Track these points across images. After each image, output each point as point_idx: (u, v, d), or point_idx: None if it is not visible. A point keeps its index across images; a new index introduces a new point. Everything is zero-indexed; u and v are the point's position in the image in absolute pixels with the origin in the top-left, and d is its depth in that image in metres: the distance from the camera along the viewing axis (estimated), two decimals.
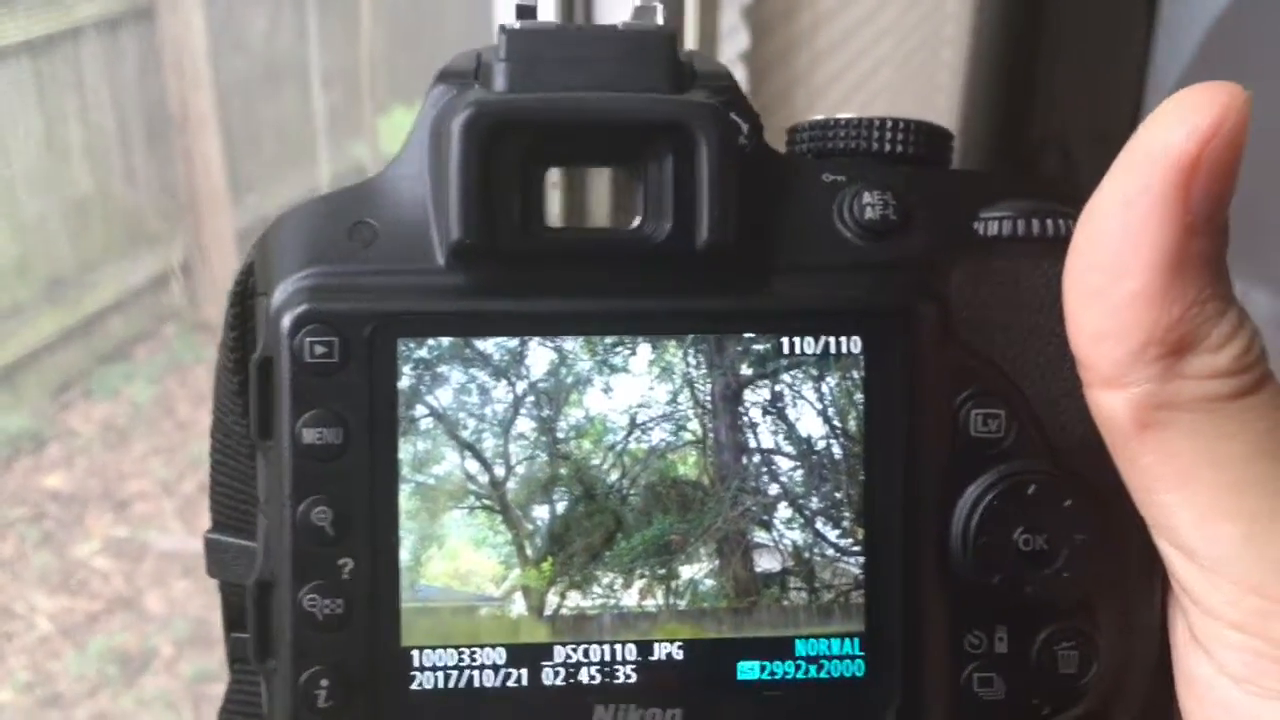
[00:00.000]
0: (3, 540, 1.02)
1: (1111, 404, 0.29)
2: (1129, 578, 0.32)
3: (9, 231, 1.05)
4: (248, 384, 0.31)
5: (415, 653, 0.30)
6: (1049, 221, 0.32)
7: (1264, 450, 0.28)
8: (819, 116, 0.34)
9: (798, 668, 0.31)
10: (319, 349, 0.30)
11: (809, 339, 0.31)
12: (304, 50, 1.18)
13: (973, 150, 1.35)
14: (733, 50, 0.95)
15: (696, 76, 0.31)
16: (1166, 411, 0.28)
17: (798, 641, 0.31)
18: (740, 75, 0.97)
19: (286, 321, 0.30)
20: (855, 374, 0.31)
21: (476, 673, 0.31)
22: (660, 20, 0.31)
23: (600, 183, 0.67)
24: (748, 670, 0.31)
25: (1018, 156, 1.35)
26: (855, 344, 0.31)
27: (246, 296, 0.32)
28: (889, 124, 0.33)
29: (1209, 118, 0.27)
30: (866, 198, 0.32)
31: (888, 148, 0.33)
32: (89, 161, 1.10)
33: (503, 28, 0.31)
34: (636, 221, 0.31)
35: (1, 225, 1.04)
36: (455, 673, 0.31)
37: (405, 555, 0.30)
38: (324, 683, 0.30)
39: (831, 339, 0.31)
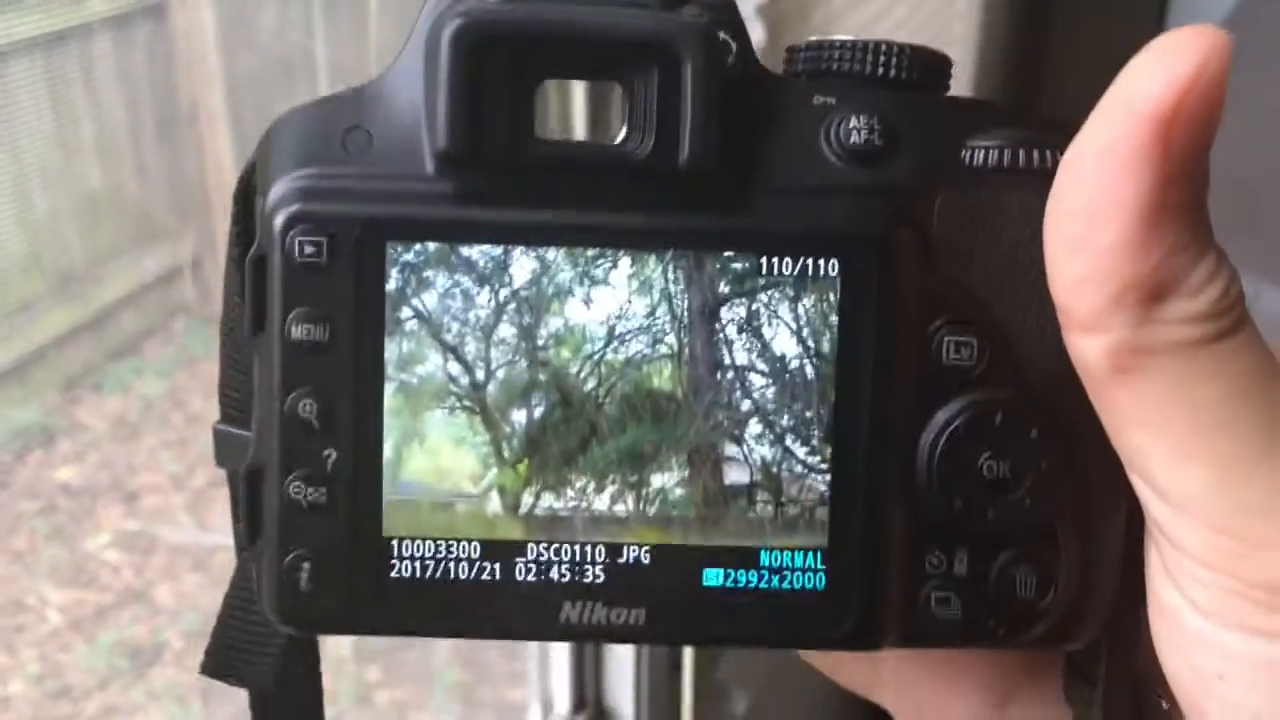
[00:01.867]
0: (14, 533, 1.02)
1: (1088, 348, 0.29)
2: (1093, 506, 0.33)
3: (20, 227, 1.06)
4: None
5: (395, 542, 0.32)
6: (1036, 153, 0.32)
7: (1238, 392, 0.28)
8: (812, 39, 0.34)
9: (761, 577, 0.32)
10: (308, 249, 0.31)
11: (787, 259, 0.31)
12: (312, 46, 1.19)
13: None
14: (749, 5, 0.96)
15: None
16: (1142, 357, 0.28)
17: (762, 552, 0.32)
18: (758, 31, 0.97)
19: (279, 221, 0.31)
20: (831, 296, 0.32)
21: (453, 564, 0.32)
22: None
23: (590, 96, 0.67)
24: (712, 577, 0.32)
25: None
26: (833, 267, 0.31)
27: (249, 194, 0.33)
28: (884, 47, 0.33)
29: (1189, 65, 0.27)
30: (853, 122, 0.32)
31: (882, 71, 0.33)
32: (99, 157, 1.11)
33: None
34: (621, 136, 0.31)
35: (12, 221, 1.05)
36: (432, 563, 0.32)
37: (388, 450, 0.31)
38: (306, 565, 0.31)
39: (809, 261, 0.31)
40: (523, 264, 0.31)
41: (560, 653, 1.01)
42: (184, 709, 1.03)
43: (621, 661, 0.96)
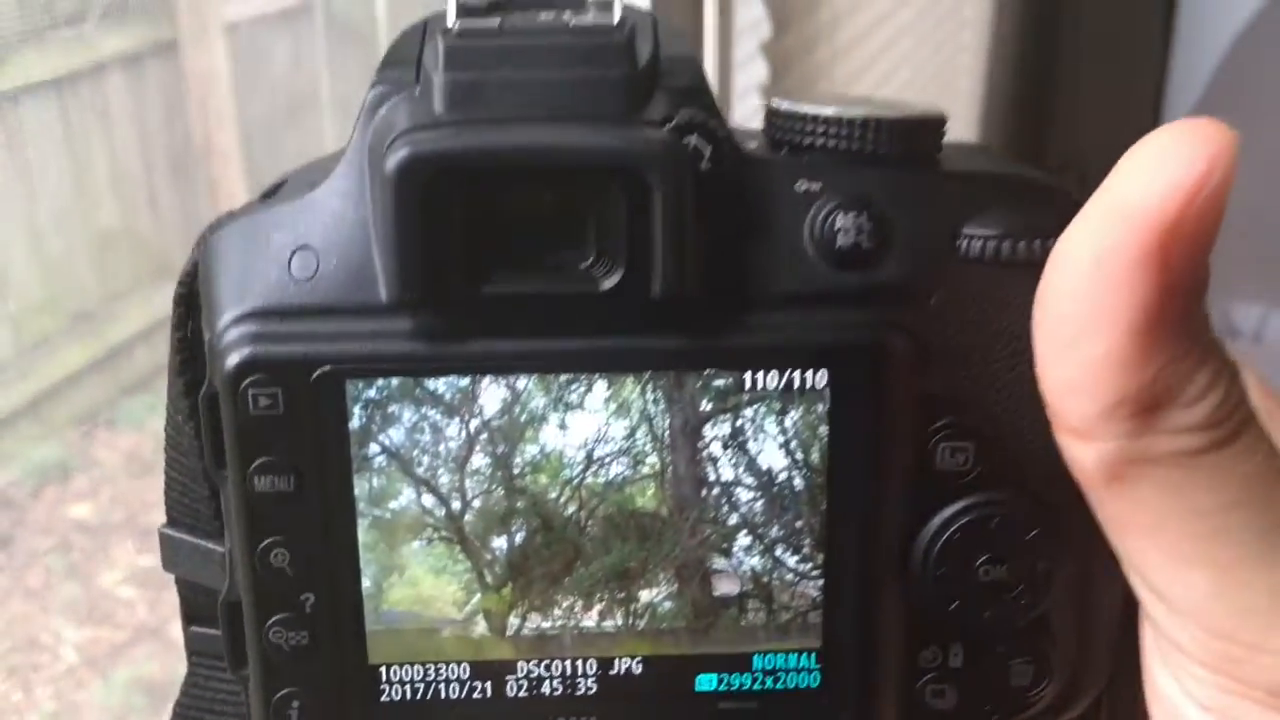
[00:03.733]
0: (30, 570, 1.02)
1: (1080, 454, 0.28)
2: (1091, 595, 0.33)
3: (36, 266, 1.07)
4: (197, 410, 0.31)
5: (383, 669, 0.31)
6: (1036, 244, 0.31)
7: (1236, 500, 0.27)
8: (796, 107, 0.32)
9: (754, 679, 0.32)
10: (263, 400, 0.29)
11: (773, 373, 0.30)
12: (319, 84, 1.19)
13: None
14: (753, 43, 0.95)
15: (659, 77, 0.29)
16: (1136, 467, 0.27)
17: (755, 656, 0.32)
18: (761, 68, 0.96)
19: (229, 366, 0.29)
20: (820, 407, 0.31)
21: (442, 685, 0.32)
22: (617, 12, 0.30)
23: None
24: (705, 682, 0.32)
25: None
26: (821, 378, 0.30)
27: (190, 299, 0.32)
28: (871, 124, 0.31)
29: (1193, 172, 0.25)
30: (840, 221, 0.30)
31: (870, 148, 0.31)
32: (114, 195, 1.11)
33: (443, 31, 0.29)
34: (590, 260, 0.30)
35: (29, 259, 1.06)
36: (422, 686, 0.32)
37: (367, 583, 0.31)
38: (295, 704, 0.31)
39: (796, 374, 0.30)
40: (492, 393, 0.30)
41: None
42: None
43: None
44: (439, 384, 0.30)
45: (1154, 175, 0.25)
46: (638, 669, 0.32)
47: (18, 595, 1.01)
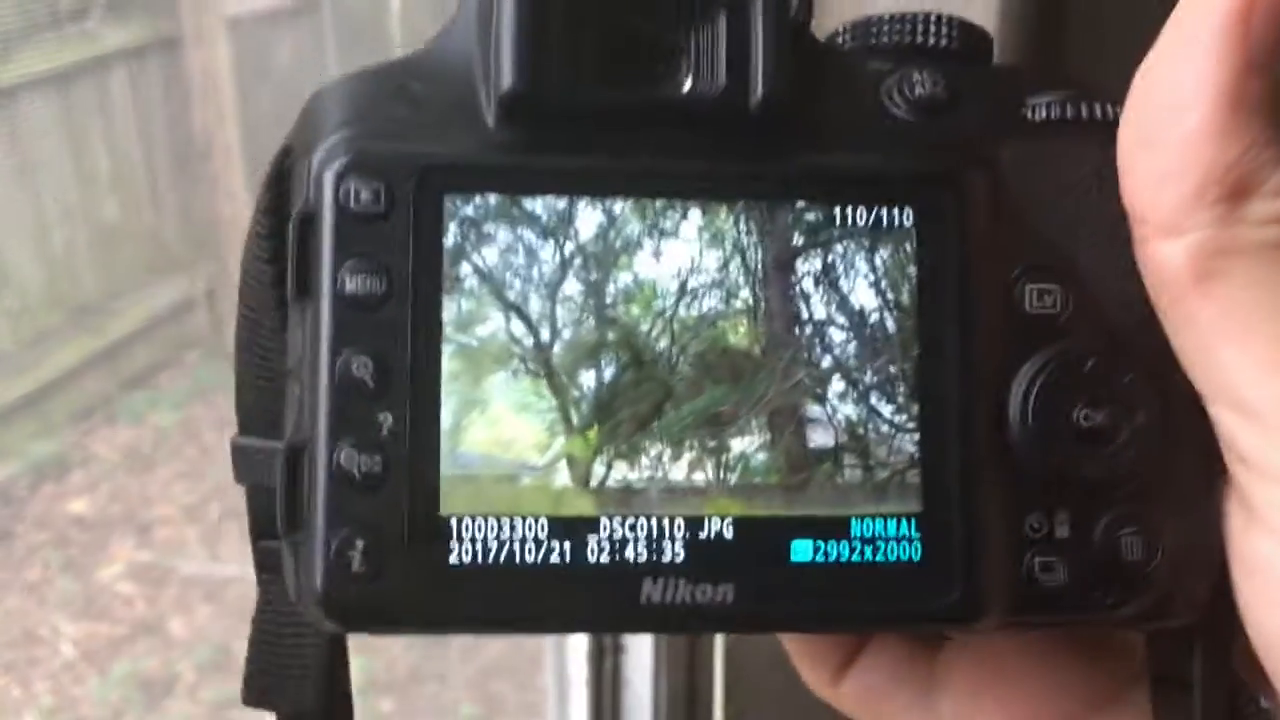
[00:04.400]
0: (28, 565, 1.01)
1: (1169, 254, 0.28)
2: (1189, 466, 0.32)
3: (37, 260, 1.06)
4: (283, 250, 0.30)
5: (454, 521, 0.29)
6: (1097, 106, 0.32)
7: None
8: (860, 16, 0.34)
9: (852, 549, 0.30)
10: (364, 195, 0.29)
11: (861, 208, 0.30)
12: (325, 79, 1.19)
13: None
14: None
15: None
16: (1225, 259, 0.28)
17: (853, 521, 0.30)
18: None
19: (331, 170, 0.29)
20: (908, 246, 0.30)
21: (518, 546, 0.29)
22: None
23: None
24: (801, 550, 0.30)
25: None
26: (908, 215, 0.30)
27: (282, 177, 0.31)
28: (933, 18, 0.33)
29: None
30: (916, 76, 0.31)
31: (931, 41, 0.33)
32: (115, 190, 1.11)
33: None
34: (688, 83, 0.30)
35: (30, 253, 1.05)
36: (495, 545, 0.29)
37: (446, 418, 0.29)
38: (359, 543, 0.29)
39: (883, 209, 0.31)
40: (588, 217, 0.30)
41: (578, 684, 1.00)
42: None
43: (640, 695, 0.95)
44: (536, 204, 0.30)
45: None
46: (729, 532, 0.30)
47: (15, 590, 1.00)
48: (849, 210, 0.30)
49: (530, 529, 0.29)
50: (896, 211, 0.31)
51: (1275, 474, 0.28)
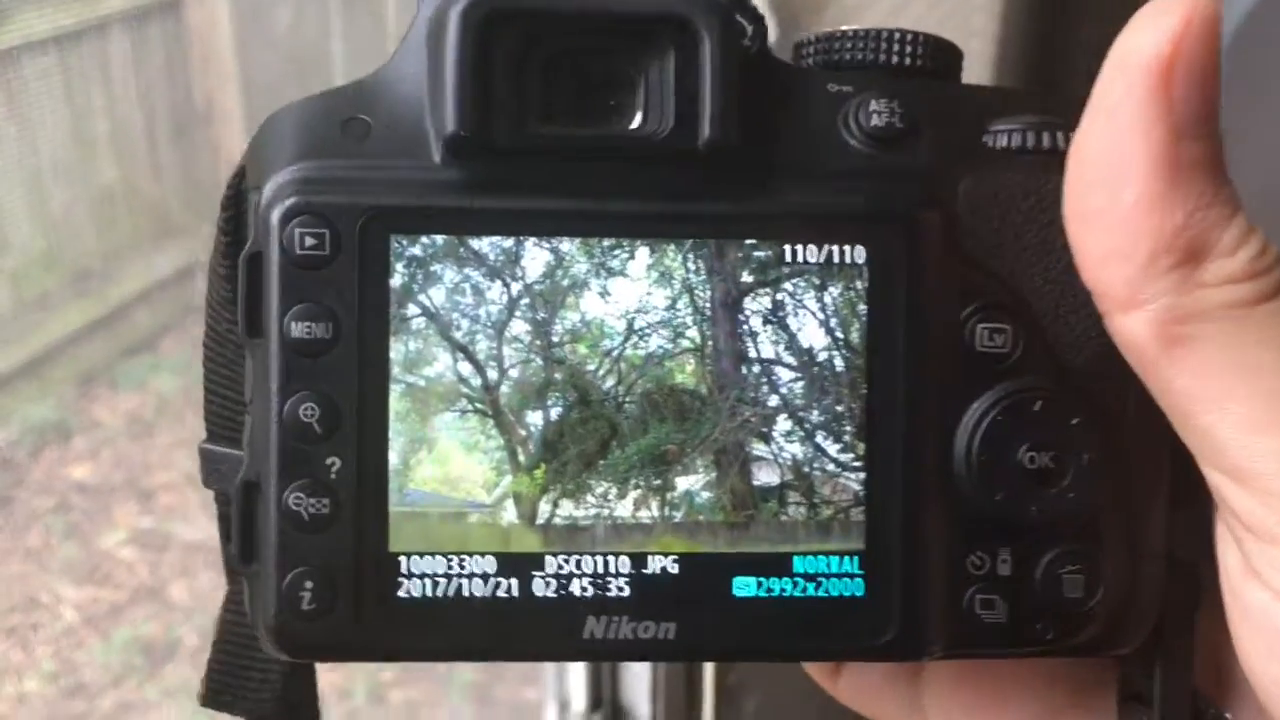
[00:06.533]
0: (29, 531, 1.02)
1: (1133, 327, 0.28)
2: (1136, 500, 0.32)
3: (37, 223, 1.06)
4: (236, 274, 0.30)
5: (403, 559, 0.30)
6: (1059, 135, 0.31)
7: None
8: (821, 31, 0.33)
9: (795, 584, 0.31)
10: (309, 240, 0.29)
11: (811, 247, 0.30)
12: (328, 44, 1.18)
13: None
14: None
15: None
16: (1191, 324, 0.27)
17: (795, 559, 0.31)
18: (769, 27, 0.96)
19: (276, 213, 0.29)
20: (858, 284, 0.30)
21: (465, 581, 0.30)
22: None
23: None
24: (743, 586, 0.30)
25: None
26: (859, 253, 0.30)
27: (239, 198, 0.31)
28: (897, 35, 0.32)
29: (1176, 16, 0.27)
30: (873, 105, 0.31)
31: (895, 59, 0.32)
32: (115, 154, 1.11)
33: None
34: (637, 121, 0.30)
35: (29, 217, 1.05)
36: (444, 580, 0.30)
37: (394, 457, 0.29)
38: (309, 584, 0.29)
39: (834, 247, 0.30)
40: (535, 256, 0.30)
41: None
42: (197, 706, 1.02)
43: None
44: (483, 244, 0.30)
45: (1143, 27, 0.27)
46: (673, 568, 0.30)
47: (17, 556, 1.01)
48: (799, 248, 0.30)
49: (478, 565, 0.30)
50: (848, 249, 0.30)
51: (1268, 534, 0.28)
